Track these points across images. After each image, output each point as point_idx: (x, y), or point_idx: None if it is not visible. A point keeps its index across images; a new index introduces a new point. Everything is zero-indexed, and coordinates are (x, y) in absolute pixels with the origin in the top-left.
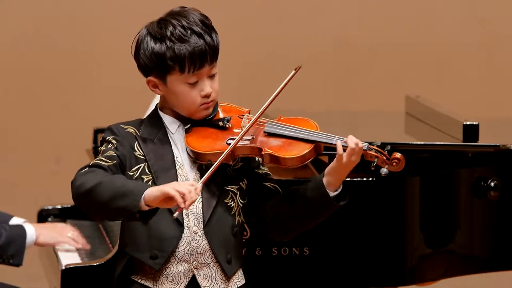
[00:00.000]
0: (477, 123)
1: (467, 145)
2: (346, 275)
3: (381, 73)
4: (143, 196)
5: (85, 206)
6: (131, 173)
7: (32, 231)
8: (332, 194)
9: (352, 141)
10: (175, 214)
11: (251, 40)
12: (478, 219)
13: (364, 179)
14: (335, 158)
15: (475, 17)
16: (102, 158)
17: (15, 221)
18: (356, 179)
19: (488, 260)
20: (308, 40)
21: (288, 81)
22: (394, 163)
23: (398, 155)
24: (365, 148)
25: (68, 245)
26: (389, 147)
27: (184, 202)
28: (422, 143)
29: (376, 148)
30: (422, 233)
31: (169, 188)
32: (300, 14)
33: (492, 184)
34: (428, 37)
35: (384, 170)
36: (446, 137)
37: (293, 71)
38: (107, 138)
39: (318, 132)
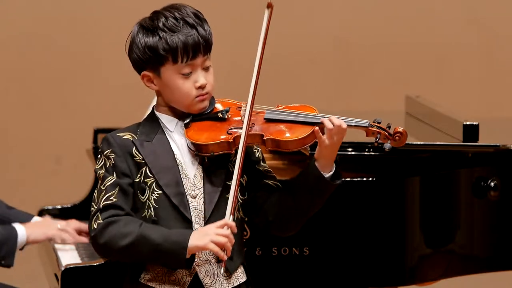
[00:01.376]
0: (477, 123)
1: (467, 145)
2: (346, 275)
3: (381, 73)
4: (186, 252)
5: (117, 258)
6: (137, 179)
7: (22, 231)
8: (327, 175)
9: (329, 122)
10: (222, 270)
11: (251, 40)
12: (478, 219)
13: (364, 179)
14: (318, 142)
15: (475, 17)
16: (108, 195)
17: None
18: (356, 179)
19: (488, 260)
20: (308, 40)
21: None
22: (397, 137)
23: (400, 129)
24: (367, 125)
25: (59, 238)
26: (390, 123)
27: (225, 251)
28: (422, 143)
29: (378, 125)
30: (422, 233)
31: (209, 244)
32: (300, 14)
33: (492, 184)
34: (428, 37)
35: (387, 145)
36: (446, 137)
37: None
38: (105, 153)
39: (317, 114)
